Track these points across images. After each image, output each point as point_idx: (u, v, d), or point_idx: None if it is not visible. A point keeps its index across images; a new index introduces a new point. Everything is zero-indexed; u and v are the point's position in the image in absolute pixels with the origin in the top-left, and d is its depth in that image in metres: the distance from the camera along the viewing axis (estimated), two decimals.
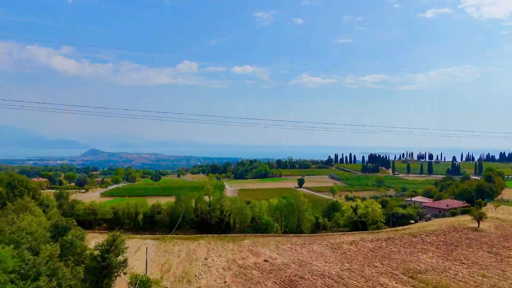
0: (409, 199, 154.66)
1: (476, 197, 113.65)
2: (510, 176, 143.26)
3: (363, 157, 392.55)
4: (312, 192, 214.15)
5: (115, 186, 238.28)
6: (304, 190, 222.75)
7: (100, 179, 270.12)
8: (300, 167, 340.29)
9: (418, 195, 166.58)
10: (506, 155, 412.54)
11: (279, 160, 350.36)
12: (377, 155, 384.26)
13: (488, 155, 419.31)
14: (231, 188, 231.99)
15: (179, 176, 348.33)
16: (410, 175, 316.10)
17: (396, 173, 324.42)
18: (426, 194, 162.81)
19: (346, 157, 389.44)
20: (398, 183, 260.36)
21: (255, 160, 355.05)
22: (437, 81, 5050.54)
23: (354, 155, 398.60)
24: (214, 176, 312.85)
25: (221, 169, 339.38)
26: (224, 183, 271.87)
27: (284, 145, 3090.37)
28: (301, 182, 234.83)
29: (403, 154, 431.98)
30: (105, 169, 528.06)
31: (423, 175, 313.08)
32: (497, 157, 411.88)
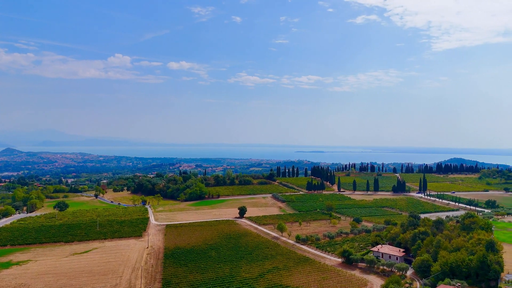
0: (375, 249, 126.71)
1: (477, 277, 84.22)
2: (494, 227, 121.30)
3: (305, 169, 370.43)
4: (255, 226, 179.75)
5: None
6: (246, 222, 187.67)
7: None
8: (240, 183, 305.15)
9: (381, 238, 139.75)
10: (443, 166, 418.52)
11: (217, 176, 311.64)
12: (320, 168, 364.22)
13: (425, 167, 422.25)
14: (156, 222, 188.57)
15: (96, 196, 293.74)
16: (356, 192, 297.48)
17: (342, 189, 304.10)
18: (392, 240, 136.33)
19: (288, 170, 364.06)
20: (347, 206, 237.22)
21: (190, 176, 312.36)
22: (366, 83, 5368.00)
23: (297, 168, 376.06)
24: (139, 198, 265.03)
25: (149, 187, 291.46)
26: (149, 209, 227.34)
27: (226, 144, 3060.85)
28: (242, 211, 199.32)
29: (346, 166, 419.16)
30: (11, 180, 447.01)
31: (369, 193, 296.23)
32: (434, 168, 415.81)
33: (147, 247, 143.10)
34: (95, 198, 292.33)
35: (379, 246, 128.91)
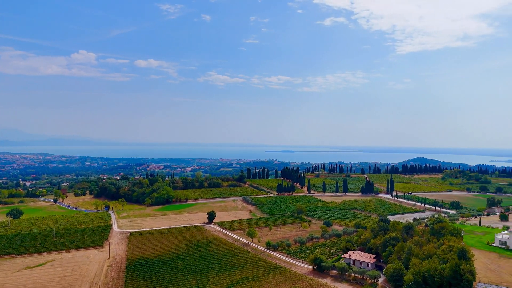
0: (347, 256, 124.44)
1: (449, 286, 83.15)
2: (463, 232, 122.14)
3: (276, 171, 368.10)
4: (225, 232, 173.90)
5: None
6: (215, 228, 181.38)
7: None
8: (209, 186, 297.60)
9: (352, 244, 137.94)
10: (408, 166, 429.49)
11: (185, 178, 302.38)
12: (290, 169, 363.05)
13: (392, 167, 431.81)
14: (119, 230, 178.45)
15: (56, 201, 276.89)
16: (326, 194, 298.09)
17: (312, 191, 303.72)
18: (363, 245, 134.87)
19: (259, 172, 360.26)
20: (317, 208, 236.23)
21: (157, 178, 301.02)
22: (334, 84, 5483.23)
23: (268, 169, 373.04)
24: (102, 203, 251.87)
25: (113, 191, 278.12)
26: (113, 215, 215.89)
27: (196, 143, 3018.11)
28: (211, 216, 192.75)
29: (315, 167, 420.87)
30: None
31: (338, 194, 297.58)
32: (400, 168, 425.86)
33: (108, 258, 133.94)
34: (54, 203, 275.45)
35: (350, 252, 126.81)
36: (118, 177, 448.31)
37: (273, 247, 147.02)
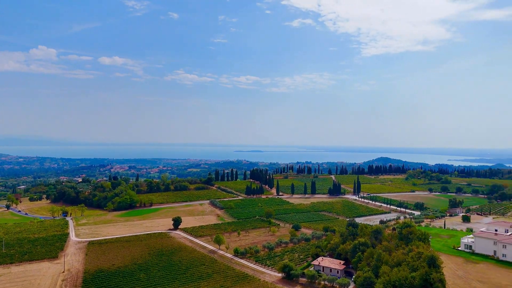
0: (316, 263, 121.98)
1: None
2: (431, 236, 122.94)
3: (245, 172, 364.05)
4: (191, 239, 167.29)
5: None
6: (181, 234, 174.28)
7: None
8: (176, 189, 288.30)
9: (321, 250, 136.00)
10: (373, 167, 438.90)
11: (150, 181, 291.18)
12: (259, 171, 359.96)
13: (358, 168, 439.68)
14: (76, 239, 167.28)
15: (8, 207, 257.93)
16: (294, 196, 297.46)
17: (280, 193, 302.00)
18: (333, 250, 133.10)
19: (227, 173, 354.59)
20: (286, 211, 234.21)
21: (120, 182, 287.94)
22: (301, 85, 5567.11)
23: (236, 171, 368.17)
24: (60, 208, 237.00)
25: (72, 195, 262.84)
26: (71, 222, 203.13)
27: (163, 143, 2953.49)
28: (177, 222, 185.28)
29: (284, 168, 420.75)
30: None
31: (307, 196, 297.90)
32: (366, 169, 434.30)
33: (63, 272, 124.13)
34: (6, 209, 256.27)
35: (319, 259, 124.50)
36: (80, 179, 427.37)
37: (241, 254, 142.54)
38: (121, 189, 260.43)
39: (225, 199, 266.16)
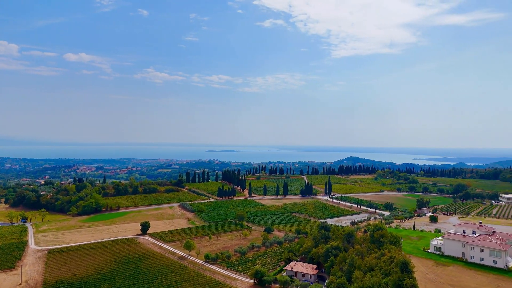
0: (289, 268, 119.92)
1: None
2: (402, 239, 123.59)
3: (216, 174, 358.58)
4: (160, 244, 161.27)
5: None
6: (150, 240, 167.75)
7: None
8: (144, 191, 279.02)
9: (294, 254, 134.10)
10: (344, 167, 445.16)
11: (118, 184, 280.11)
12: (231, 172, 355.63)
13: (329, 168, 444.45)
14: (36, 247, 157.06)
15: None
16: (266, 197, 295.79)
17: (253, 194, 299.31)
18: (305, 254, 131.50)
19: (198, 175, 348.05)
20: (258, 213, 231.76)
21: (85, 184, 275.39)
22: (273, 85, 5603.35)
23: (208, 172, 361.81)
24: (18, 214, 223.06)
25: (33, 199, 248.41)
26: (30, 228, 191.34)
27: (133, 143, 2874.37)
28: (145, 227, 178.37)
29: (256, 169, 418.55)
30: None
31: (279, 197, 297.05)
32: (337, 169, 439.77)
33: (20, 284, 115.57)
34: None
35: (292, 263, 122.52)
36: (43, 181, 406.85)
37: (213, 260, 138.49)
38: (86, 192, 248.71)
39: (196, 202, 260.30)
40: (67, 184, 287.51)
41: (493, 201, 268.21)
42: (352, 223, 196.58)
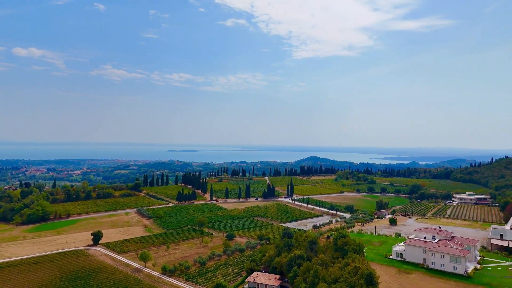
0: (251, 279, 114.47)
1: None
2: (365, 247, 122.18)
3: (176, 176, 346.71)
4: (113, 256, 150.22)
5: None
6: (102, 251, 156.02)
7: None
8: (98, 196, 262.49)
9: (256, 264, 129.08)
10: (305, 168, 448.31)
11: (68, 189, 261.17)
12: (192, 175, 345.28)
13: (291, 170, 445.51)
14: None
15: None
16: (228, 200, 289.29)
17: (214, 198, 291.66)
18: (268, 263, 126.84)
19: (157, 178, 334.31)
20: (220, 218, 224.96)
21: (31, 190, 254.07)
22: (235, 85, 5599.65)
23: (167, 176, 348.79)
24: None
25: None
26: None
27: (89, 142, 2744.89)
28: (97, 237, 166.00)
29: (218, 171, 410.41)
30: None
31: (241, 200, 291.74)
32: (299, 170, 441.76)
33: None
34: None
35: (254, 274, 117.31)
36: None
37: (170, 272, 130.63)
38: (32, 199, 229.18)
39: (154, 207, 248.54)
40: (11, 190, 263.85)
41: (447, 201, 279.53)
42: (315, 226, 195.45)
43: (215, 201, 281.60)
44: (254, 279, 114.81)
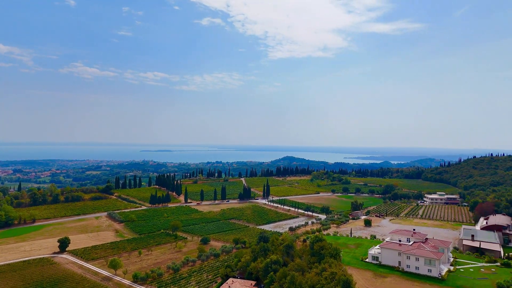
0: (226, 287, 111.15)
1: None
2: (342, 251, 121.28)
3: (149, 178, 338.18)
4: (81, 263, 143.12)
5: None
6: (69, 259, 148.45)
7: None
8: (67, 200, 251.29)
9: (232, 270, 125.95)
10: (281, 169, 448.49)
11: (34, 192, 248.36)
12: (166, 176, 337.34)
13: (267, 170, 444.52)
14: None
15: None
16: (204, 202, 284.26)
17: (189, 200, 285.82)
18: (244, 269, 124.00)
19: (130, 180, 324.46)
20: (194, 221, 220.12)
21: None
22: (211, 84, 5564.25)
23: (140, 177, 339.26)
24: None
25: None
26: None
27: (58, 142, 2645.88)
28: (64, 244, 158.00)
29: (193, 172, 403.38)
30: None
31: (217, 202, 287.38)
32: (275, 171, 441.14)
33: None
34: None
35: (229, 281, 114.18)
36: None
37: (142, 280, 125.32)
38: None
39: (125, 210, 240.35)
40: None
41: (419, 201, 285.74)
42: (291, 229, 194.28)
43: (190, 204, 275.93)
44: (229, 286, 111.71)
